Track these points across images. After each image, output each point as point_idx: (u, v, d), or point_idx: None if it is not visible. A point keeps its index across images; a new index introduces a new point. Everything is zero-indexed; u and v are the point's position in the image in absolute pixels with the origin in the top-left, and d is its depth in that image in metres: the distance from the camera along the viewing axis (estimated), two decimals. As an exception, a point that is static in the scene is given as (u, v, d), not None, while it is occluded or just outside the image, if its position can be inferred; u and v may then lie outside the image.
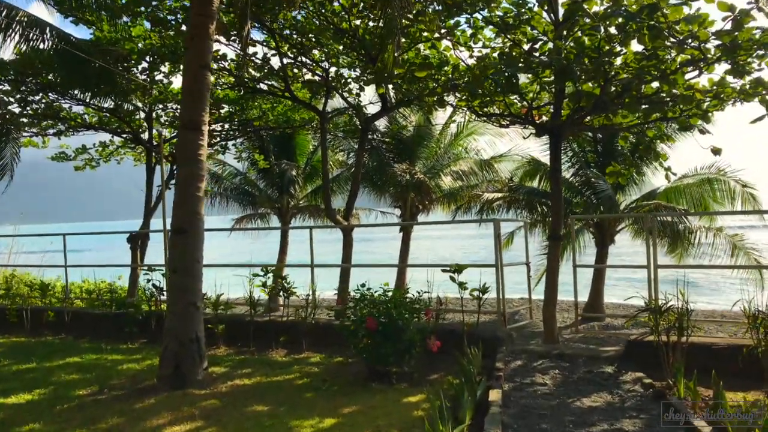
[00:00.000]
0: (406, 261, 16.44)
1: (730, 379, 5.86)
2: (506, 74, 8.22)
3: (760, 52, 7.21)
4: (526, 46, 8.89)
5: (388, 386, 6.59)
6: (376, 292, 7.11)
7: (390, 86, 11.75)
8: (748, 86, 7.72)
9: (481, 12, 9.18)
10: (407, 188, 16.03)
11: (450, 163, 16.99)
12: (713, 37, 7.01)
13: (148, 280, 10.02)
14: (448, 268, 7.49)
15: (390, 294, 7.01)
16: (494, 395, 5.52)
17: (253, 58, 11.79)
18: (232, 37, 11.25)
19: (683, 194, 13.39)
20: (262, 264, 9.30)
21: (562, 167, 12.45)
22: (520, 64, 8.37)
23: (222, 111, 14.73)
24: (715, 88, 7.99)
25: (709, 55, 7.36)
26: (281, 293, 9.01)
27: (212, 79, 13.79)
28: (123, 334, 9.54)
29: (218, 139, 15.88)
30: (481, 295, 7.48)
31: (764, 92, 7.60)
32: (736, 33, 6.81)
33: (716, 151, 8.46)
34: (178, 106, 13.48)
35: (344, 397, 6.25)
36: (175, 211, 7.26)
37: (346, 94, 12.61)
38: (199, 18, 7.29)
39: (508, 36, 8.88)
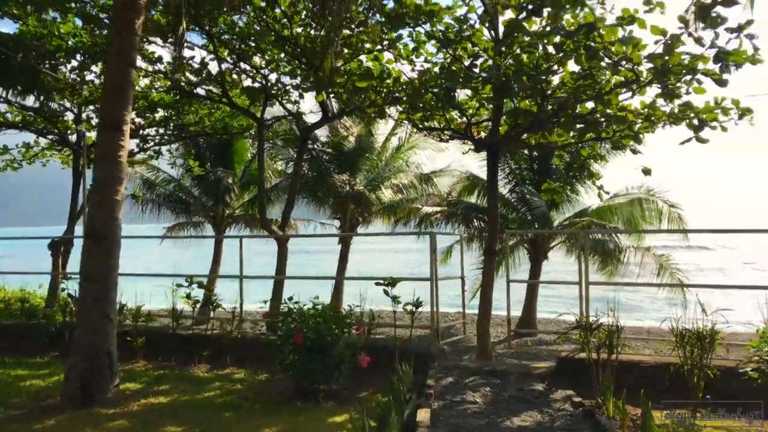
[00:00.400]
0: (344, 274, 16.10)
1: (659, 397, 5.79)
2: (445, 87, 8.09)
3: (688, 78, 7.34)
4: (466, 62, 8.81)
5: (314, 405, 6.22)
6: (305, 306, 6.74)
7: (331, 95, 11.48)
8: (677, 110, 7.85)
9: (423, 26, 9.06)
10: (347, 199, 15.73)
11: (390, 175, 16.80)
12: (645, 59, 7.09)
13: (63, 289, 9.29)
14: (381, 282, 7.21)
15: (320, 308, 6.66)
16: (422, 415, 5.24)
17: (191, 61, 11.27)
18: (169, 39, 10.71)
19: (614, 213, 13.64)
20: (188, 274, 8.76)
21: (499, 183, 12.45)
22: (460, 79, 8.28)
23: (157, 115, 14.07)
24: (646, 110, 8.12)
25: (641, 78, 7.44)
26: (208, 305, 8.50)
27: (147, 81, 13.24)
28: (33, 347, 8.76)
29: (152, 143, 15.14)
30: (414, 310, 7.22)
31: (692, 116, 7.74)
32: (667, 57, 6.90)
33: (646, 172, 8.59)
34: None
35: (266, 417, 5.84)
36: (91, 215, 6.71)
37: (285, 102, 12.24)
38: (124, 12, 6.80)
39: (449, 51, 8.78)
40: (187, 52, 10.94)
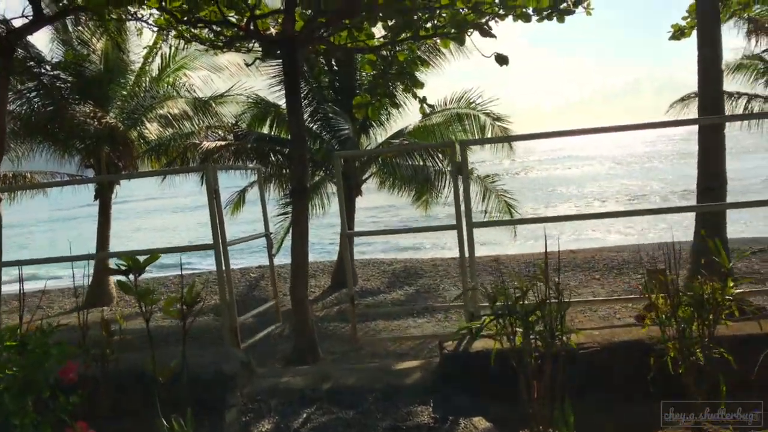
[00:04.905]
0: (106, 248, 11.73)
1: (613, 403, 3.37)
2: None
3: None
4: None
5: None
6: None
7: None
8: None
9: None
10: (98, 140, 11.14)
11: (155, 105, 12.28)
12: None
13: None
14: (116, 266, 3.62)
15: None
16: None
17: None
18: None
19: (433, 133, 11.20)
20: None
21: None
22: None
23: None
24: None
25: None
26: None
27: None
28: None
29: None
30: (185, 308, 3.78)
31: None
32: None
33: (501, 60, 6.25)
34: None
35: None
36: None
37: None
38: None
39: None
40: None
